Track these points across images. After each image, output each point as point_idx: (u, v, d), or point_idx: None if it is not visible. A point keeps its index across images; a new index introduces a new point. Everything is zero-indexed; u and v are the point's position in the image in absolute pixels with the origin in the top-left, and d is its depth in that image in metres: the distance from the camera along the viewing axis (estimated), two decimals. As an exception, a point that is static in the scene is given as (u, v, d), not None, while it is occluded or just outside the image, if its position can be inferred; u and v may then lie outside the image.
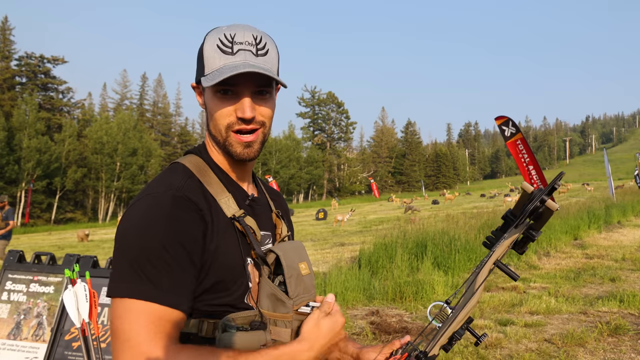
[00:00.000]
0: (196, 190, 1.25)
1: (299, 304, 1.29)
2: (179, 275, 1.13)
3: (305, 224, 32.30)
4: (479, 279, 1.29)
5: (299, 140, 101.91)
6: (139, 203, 1.20)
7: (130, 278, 1.11)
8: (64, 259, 2.48)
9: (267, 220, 1.46)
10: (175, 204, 1.18)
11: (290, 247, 1.38)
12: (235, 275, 1.25)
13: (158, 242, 1.12)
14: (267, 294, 1.28)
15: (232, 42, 1.27)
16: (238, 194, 1.37)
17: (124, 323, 1.08)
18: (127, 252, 1.13)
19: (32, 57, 75.03)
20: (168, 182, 1.24)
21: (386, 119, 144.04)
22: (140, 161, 73.75)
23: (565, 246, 13.31)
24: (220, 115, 1.30)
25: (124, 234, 1.16)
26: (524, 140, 13.89)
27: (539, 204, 1.19)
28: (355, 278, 8.32)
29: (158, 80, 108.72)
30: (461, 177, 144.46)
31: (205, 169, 1.33)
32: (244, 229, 1.29)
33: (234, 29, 1.29)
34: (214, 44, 1.28)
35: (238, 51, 1.27)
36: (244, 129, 1.30)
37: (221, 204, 1.28)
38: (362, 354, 1.50)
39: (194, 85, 1.39)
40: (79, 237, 28.94)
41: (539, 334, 6.09)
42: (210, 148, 1.40)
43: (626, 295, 7.47)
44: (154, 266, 1.11)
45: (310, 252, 15.29)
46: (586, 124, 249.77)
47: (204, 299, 1.22)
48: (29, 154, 60.92)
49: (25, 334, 2.38)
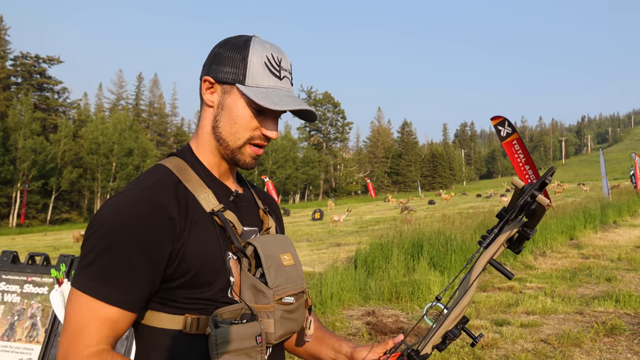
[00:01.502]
0: (167, 188, 1.25)
1: (281, 294, 1.29)
2: (130, 273, 1.15)
3: (301, 224, 32.29)
4: (472, 276, 1.29)
5: (295, 141, 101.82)
6: (108, 201, 1.23)
7: (86, 272, 1.15)
8: (57, 259, 2.46)
9: (253, 216, 1.46)
10: (137, 201, 1.19)
11: (271, 238, 1.38)
12: (214, 269, 1.25)
13: (111, 239, 1.15)
14: (248, 285, 1.28)
15: (279, 67, 1.34)
16: (220, 191, 1.37)
17: (75, 317, 1.14)
18: (89, 247, 1.17)
19: (27, 57, 74.89)
20: (138, 182, 1.26)
21: (382, 119, 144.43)
22: (136, 161, 73.68)
23: (561, 246, 13.33)
24: (246, 127, 1.33)
25: (88, 228, 1.20)
26: (520, 140, 13.90)
27: (529, 199, 1.18)
28: (351, 278, 8.32)
29: (154, 81, 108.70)
30: (457, 177, 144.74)
31: (184, 168, 1.34)
32: (223, 222, 1.29)
33: (279, 53, 1.35)
34: (262, 60, 1.31)
35: (284, 77, 1.35)
36: (262, 144, 1.37)
37: (200, 199, 1.29)
38: (355, 353, 1.52)
39: (209, 79, 1.35)
40: (74, 238, 28.85)
41: (535, 334, 6.09)
42: (201, 148, 1.40)
43: (622, 295, 7.49)
44: (107, 264, 1.14)
45: (307, 252, 15.29)
46: (582, 124, 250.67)
47: (183, 294, 1.23)
48: (24, 154, 60.80)
49: (19, 335, 2.36)
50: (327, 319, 6.93)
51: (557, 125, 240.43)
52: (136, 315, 1.20)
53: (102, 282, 1.14)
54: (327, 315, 7.13)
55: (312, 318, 1.51)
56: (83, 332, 1.13)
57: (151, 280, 1.19)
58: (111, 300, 1.14)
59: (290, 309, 1.32)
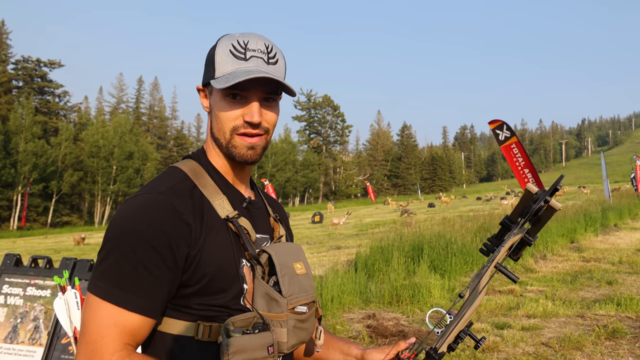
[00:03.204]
0: (184, 193, 1.25)
1: (294, 303, 1.28)
2: (149, 278, 1.14)
3: (301, 228, 32.25)
4: (483, 280, 1.31)
5: (295, 144, 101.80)
6: (124, 205, 1.22)
7: (104, 278, 1.14)
8: (60, 262, 2.47)
9: (265, 224, 1.46)
10: (154, 206, 1.19)
11: (285, 247, 1.38)
12: (228, 276, 1.25)
13: (129, 245, 1.14)
14: (261, 294, 1.27)
15: (245, 49, 1.30)
16: (234, 197, 1.37)
17: (93, 323, 1.13)
18: (105, 252, 1.16)
19: (28, 61, 74.88)
20: (155, 185, 1.25)
21: (382, 122, 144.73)
22: (137, 164, 73.72)
23: (562, 249, 13.32)
24: (227, 118, 1.32)
25: (106, 233, 1.19)
26: (519, 143, 13.88)
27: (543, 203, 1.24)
28: (351, 281, 8.32)
29: (154, 84, 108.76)
30: (457, 180, 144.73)
31: (200, 172, 1.34)
32: (238, 229, 1.29)
33: (247, 37, 1.32)
34: (227, 49, 1.30)
35: (251, 57, 1.30)
36: (250, 132, 1.32)
37: (215, 205, 1.29)
38: (366, 355, 1.52)
39: (200, 87, 1.39)
40: (75, 241, 28.84)
41: (536, 338, 6.09)
42: (210, 152, 1.40)
43: (623, 299, 7.48)
44: (125, 269, 1.13)
45: (307, 255, 15.25)
46: (582, 126, 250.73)
47: (197, 300, 1.22)
48: (25, 158, 60.80)
49: (22, 338, 2.37)
50: (328, 322, 6.92)
51: (558, 128, 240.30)
52: (155, 322, 1.20)
53: (122, 288, 1.13)
54: (328, 319, 7.12)
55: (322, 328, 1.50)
56: (105, 340, 1.11)
57: (170, 287, 1.18)
58: (133, 307, 1.14)
59: (303, 319, 1.30)
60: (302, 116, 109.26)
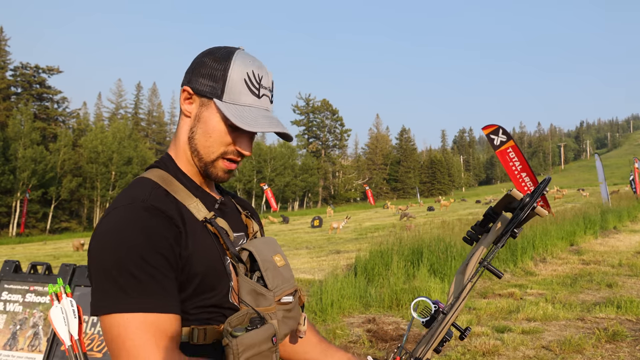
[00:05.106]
0: (163, 199, 1.25)
1: (280, 295, 1.32)
2: (164, 281, 1.14)
3: (300, 232, 32.27)
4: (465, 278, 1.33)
5: (294, 148, 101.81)
6: (107, 218, 1.19)
7: (115, 294, 1.10)
8: (59, 268, 2.46)
9: (238, 222, 1.49)
10: (144, 213, 1.18)
11: (262, 242, 1.40)
12: (217, 272, 1.27)
13: (136, 253, 1.12)
14: (247, 290, 1.30)
15: (259, 85, 1.33)
16: (206, 199, 1.38)
17: (125, 340, 1.08)
18: (107, 269, 1.12)
19: (27, 68, 75.11)
20: (132, 196, 1.23)
21: (381, 125, 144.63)
22: (135, 170, 73.70)
23: (561, 252, 13.33)
24: (220, 142, 1.33)
25: (99, 250, 1.15)
26: (515, 147, 13.86)
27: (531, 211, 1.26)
28: (351, 285, 8.31)
29: (152, 90, 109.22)
30: (456, 183, 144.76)
31: (169, 179, 1.33)
32: (217, 230, 1.31)
33: (261, 71, 1.34)
34: (242, 77, 1.31)
35: (263, 96, 1.34)
36: (236, 160, 1.37)
37: (191, 208, 1.29)
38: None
39: (189, 90, 1.35)
40: (74, 247, 28.85)
41: (536, 341, 6.08)
42: (180, 157, 1.39)
43: (623, 301, 7.48)
44: (138, 278, 1.11)
45: (306, 259, 15.28)
46: (580, 129, 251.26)
47: (191, 304, 1.24)
48: (24, 164, 60.85)
49: (21, 345, 2.36)
50: (328, 327, 6.92)
51: (556, 130, 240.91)
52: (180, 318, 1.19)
53: (141, 294, 1.11)
54: (328, 323, 7.12)
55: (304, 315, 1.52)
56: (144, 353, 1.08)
57: (177, 285, 1.20)
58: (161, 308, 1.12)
59: (289, 308, 1.35)
60: (300, 120, 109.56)
